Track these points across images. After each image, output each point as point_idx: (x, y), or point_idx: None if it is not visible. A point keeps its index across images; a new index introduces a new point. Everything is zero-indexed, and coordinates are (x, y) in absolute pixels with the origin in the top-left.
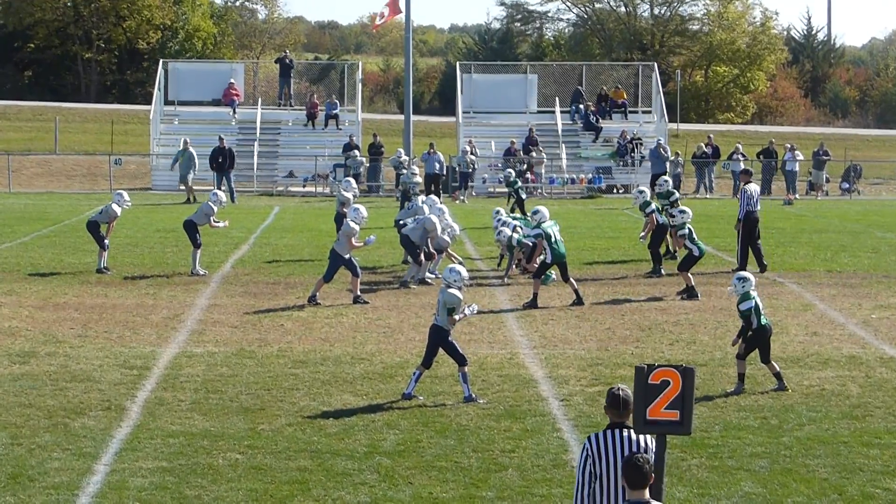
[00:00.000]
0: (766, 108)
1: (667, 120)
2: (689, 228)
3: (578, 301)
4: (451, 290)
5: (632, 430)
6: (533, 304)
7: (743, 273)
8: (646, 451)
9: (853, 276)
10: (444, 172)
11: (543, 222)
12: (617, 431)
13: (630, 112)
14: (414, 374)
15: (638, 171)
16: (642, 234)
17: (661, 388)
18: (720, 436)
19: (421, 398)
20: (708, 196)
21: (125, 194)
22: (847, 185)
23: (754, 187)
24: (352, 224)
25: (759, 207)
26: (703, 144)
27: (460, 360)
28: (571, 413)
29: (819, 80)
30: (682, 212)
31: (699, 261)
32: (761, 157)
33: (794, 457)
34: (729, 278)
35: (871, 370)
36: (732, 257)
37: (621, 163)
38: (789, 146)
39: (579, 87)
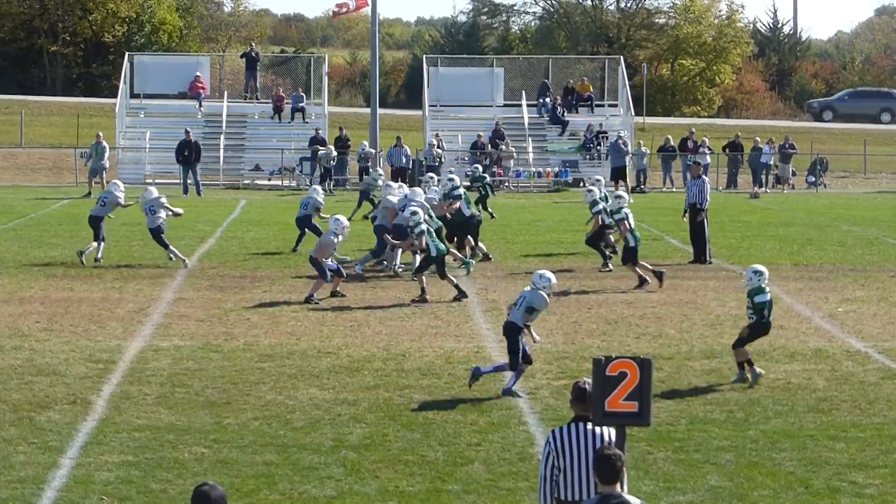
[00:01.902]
0: (732, 101)
1: (633, 113)
2: (626, 213)
3: (461, 295)
4: (540, 292)
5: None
6: (423, 300)
7: (758, 266)
8: (609, 444)
9: (819, 269)
10: (411, 166)
11: (421, 223)
12: (581, 425)
13: (596, 105)
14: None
15: (604, 164)
16: (589, 234)
17: (619, 380)
18: (686, 429)
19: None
20: (674, 189)
21: (121, 185)
22: (813, 179)
23: (707, 180)
24: (333, 238)
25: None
26: (685, 138)
27: (525, 360)
28: (538, 406)
29: (785, 73)
30: (619, 197)
31: (638, 250)
32: (727, 150)
33: (761, 450)
34: (693, 270)
35: (838, 364)
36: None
37: (587, 156)
38: (757, 139)
39: (546, 81)
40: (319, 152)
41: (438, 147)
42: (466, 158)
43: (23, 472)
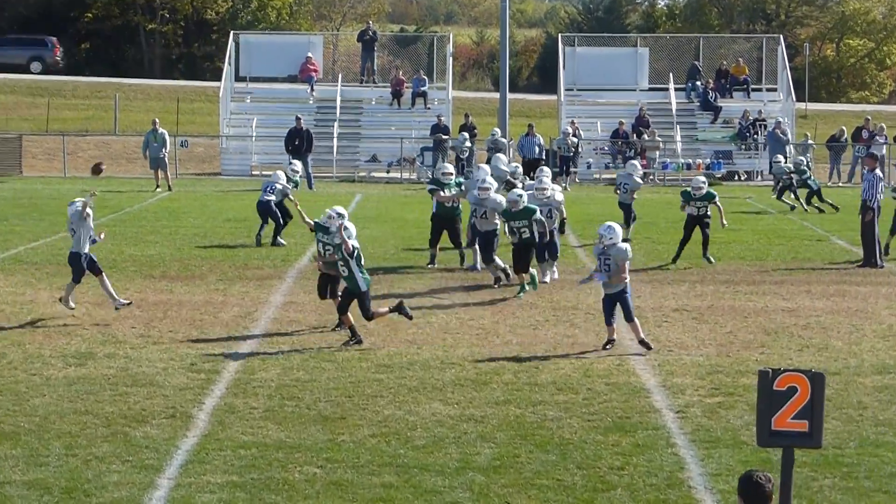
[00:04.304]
0: None
1: (794, 98)
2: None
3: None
4: None
5: None
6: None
7: None
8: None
9: None
10: (545, 157)
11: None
12: None
13: (753, 90)
14: None
15: (762, 154)
16: (724, 221)
17: (787, 396)
18: (855, 453)
19: None
20: (840, 184)
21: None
22: None
23: (880, 174)
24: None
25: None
26: (859, 128)
27: None
28: (688, 426)
29: None
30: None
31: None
32: None
33: None
34: (863, 275)
35: None
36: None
37: (743, 146)
38: None
39: (696, 63)
40: (451, 142)
41: (574, 135)
42: (606, 148)
43: (116, 492)
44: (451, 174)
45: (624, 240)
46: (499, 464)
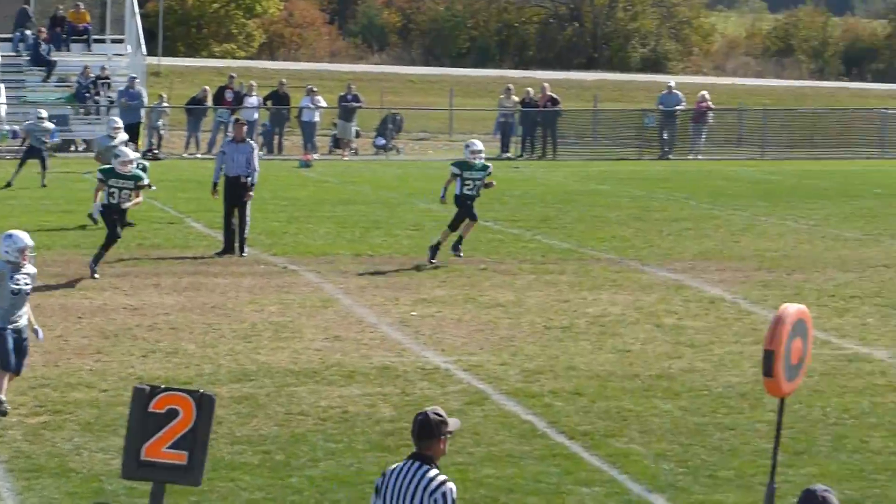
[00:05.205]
0: (278, 37)
1: (145, 52)
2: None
3: None
4: None
5: (432, 467)
6: None
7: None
8: (434, 492)
9: (388, 260)
10: None
11: None
12: (408, 464)
13: (95, 41)
14: None
15: (103, 119)
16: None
17: (165, 420)
18: (206, 479)
19: None
20: (199, 155)
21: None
22: (383, 142)
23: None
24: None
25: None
26: (223, 87)
27: None
28: (5, 452)
29: (349, 1)
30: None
31: None
32: (269, 102)
33: (307, 503)
34: (223, 265)
35: (410, 385)
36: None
37: (82, 109)
38: (313, 88)
39: (26, 6)
40: None
41: None
42: None
43: None
44: None
45: None
46: None
